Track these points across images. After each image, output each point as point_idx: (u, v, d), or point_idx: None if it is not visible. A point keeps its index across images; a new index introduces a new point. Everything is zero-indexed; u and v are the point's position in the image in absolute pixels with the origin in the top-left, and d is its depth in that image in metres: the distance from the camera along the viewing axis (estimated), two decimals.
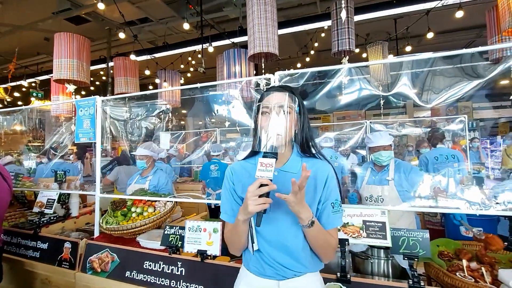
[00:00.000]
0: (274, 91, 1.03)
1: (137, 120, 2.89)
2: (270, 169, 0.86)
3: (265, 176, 0.85)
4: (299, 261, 1.01)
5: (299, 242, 1.01)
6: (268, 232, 1.01)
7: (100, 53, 7.65)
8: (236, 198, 1.07)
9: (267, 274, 1.02)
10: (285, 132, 0.95)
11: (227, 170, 1.11)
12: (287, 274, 1.01)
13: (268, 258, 1.01)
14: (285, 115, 0.97)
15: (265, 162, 0.87)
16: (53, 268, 2.15)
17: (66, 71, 3.08)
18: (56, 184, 2.99)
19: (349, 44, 3.16)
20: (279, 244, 1.01)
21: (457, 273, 1.37)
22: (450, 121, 4.71)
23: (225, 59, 3.68)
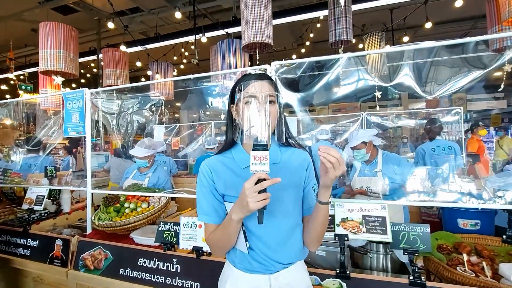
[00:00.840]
0: (256, 80, 0.96)
1: (129, 114, 2.79)
2: (265, 162, 0.80)
3: (261, 170, 0.80)
4: (292, 253, 1.01)
5: (297, 234, 1.02)
6: (262, 228, 0.96)
7: (90, 45, 7.44)
8: (217, 196, 1.00)
9: (256, 270, 0.98)
10: (271, 123, 0.92)
11: (202, 167, 1.02)
12: (278, 268, 0.99)
13: (260, 255, 0.97)
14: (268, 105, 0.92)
15: (259, 155, 0.81)
16: (44, 266, 2.09)
17: (53, 62, 2.96)
18: (46, 179, 2.90)
19: (346, 33, 3.09)
20: (276, 240, 0.97)
21: (458, 268, 1.35)
22: (445, 113, 4.71)
23: (219, 49, 3.58)
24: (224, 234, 0.94)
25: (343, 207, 1.43)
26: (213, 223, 0.99)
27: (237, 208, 0.85)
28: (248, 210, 0.80)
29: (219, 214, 0.99)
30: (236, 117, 1.01)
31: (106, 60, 4.55)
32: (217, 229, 0.97)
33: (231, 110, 1.04)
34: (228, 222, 0.91)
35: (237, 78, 2.43)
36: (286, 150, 1.06)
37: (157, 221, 2.22)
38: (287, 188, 0.99)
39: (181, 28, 6.41)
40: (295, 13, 5.29)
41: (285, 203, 0.98)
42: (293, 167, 1.03)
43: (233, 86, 1.04)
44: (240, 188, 0.92)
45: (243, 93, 0.94)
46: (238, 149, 1.03)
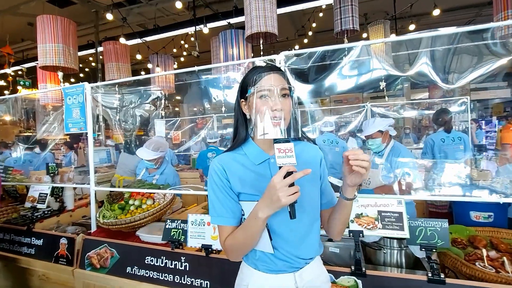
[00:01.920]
0: (269, 72, 0.92)
1: (131, 108, 2.72)
2: (290, 154, 0.77)
3: (288, 163, 0.77)
4: (312, 248, 1.00)
5: (316, 228, 1.01)
6: (282, 226, 0.93)
7: (87, 38, 7.30)
8: (233, 196, 0.94)
9: (281, 269, 0.95)
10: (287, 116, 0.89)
11: (215, 166, 0.96)
12: (301, 264, 0.97)
13: (284, 253, 0.94)
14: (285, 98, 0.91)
15: (283, 147, 0.78)
16: (50, 265, 2.06)
17: (52, 57, 2.88)
18: (49, 177, 2.86)
19: (353, 22, 2.99)
20: (296, 237, 0.95)
21: (477, 263, 1.31)
22: (451, 103, 4.63)
23: (221, 40, 3.48)
24: (247, 235, 0.88)
25: (358, 203, 1.38)
26: (230, 225, 0.93)
27: (264, 205, 0.80)
28: (279, 205, 0.76)
29: (236, 215, 0.94)
30: (247, 111, 0.97)
31: (107, 53, 4.44)
32: (237, 231, 0.91)
33: (241, 105, 0.99)
34: (251, 221, 0.85)
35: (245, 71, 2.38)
36: (297, 144, 1.01)
37: (162, 217, 2.18)
38: (304, 183, 0.93)
39: (180, 20, 6.27)
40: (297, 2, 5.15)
41: (303, 198, 0.94)
42: (307, 161, 1.00)
43: (243, 79, 0.99)
44: (259, 185, 0.90)
45: (256, 86, 0.90)
46: (250, 144, 0.99)
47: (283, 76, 0.94)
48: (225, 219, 0.93)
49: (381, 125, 2.19)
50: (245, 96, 0.95)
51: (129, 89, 2.83)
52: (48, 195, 2.33)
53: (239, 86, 1.01)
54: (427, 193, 1.52)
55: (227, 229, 0.94)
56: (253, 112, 0.91)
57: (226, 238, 0.93)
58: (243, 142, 1.00)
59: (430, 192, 1.51)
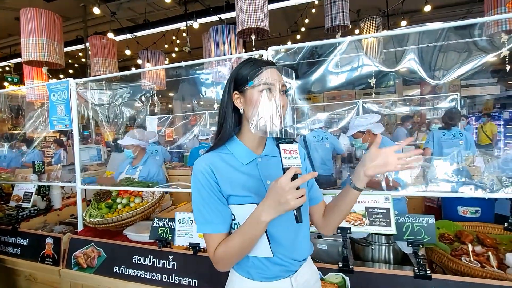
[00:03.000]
0: (268, 67, 0.87)
1: (118, 105, 2.67)
2: (296, 156, 0.75)
3: (294, 164, 0.74)
4: (304, 248, 0.98)
5: (305, 228, 0.99)
6: (274, 229, 0.87)
7: (76, 33, 7.15)
8: (222, 200, 0.87)
9: (277, 275, 0.90)
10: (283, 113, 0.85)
11: (201, 167, 0.87)
12: (296, 267, 0.94)
13: (280, 257, 0.90)
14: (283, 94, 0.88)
15: (289, 148, 0.75)
16: (36, 265, 2.02)
17: (36, 52, 2.79)
18: (35, 175, 2.79)
19: (343, 18, 2.98)
20: (289, 238, 0.91)
21: (462, 258, 1.32)
22: (442, 99, 4.67)
23: (212, 36, 3.44)
24: (245, 241, 0.81)
25: None
26: (221, 232, 0.86)
27: (269, 207, 0.75)
28: (287, 208, 0.72)
29: (227, 220, 0.87)
30: (241, 105, 0.90)
31: (93, 48, 4.35)
32: (232, 237, 0.83)
33: (233, 98, 0.91)
34: (252, 225, 0.79)
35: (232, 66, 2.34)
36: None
37: (151, 216, 2.15)
38: None
39: (171, 15, 6.17)
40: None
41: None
42: None
43: (237, 71, 0.91)
44: (248, 186, 0.86)
45: (261, 79, 0.84)
46: (235, 143, 0.93)
47: (281, 71, 0.90)
48: (215, 225, 0.85)
49: (361, 125, 2.19)
50: (241, 88, 0.88)
51: (117, 85, 2.77)
52: (34, 194, 2.28)
53: (230, 77, 0.93)
54: (415, 188, 1.53)
55: (218, 237, 0.85)
56: (251, 106, 0.85)
57: (217, 246, 0.84)
58: (227, 140, 0.93)
59: (417, 188, 1.51)
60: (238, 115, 0.94)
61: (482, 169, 3.48)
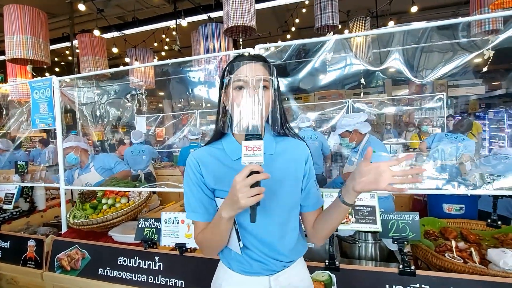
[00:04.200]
0: (247, 61, 0.85)
1: (103, 103, 2.61)
2: (258, 152, 0.72)
3: (254, 162, 0.72)
4: (292, 250, 0.94)
5: (295, 229, 0.96)
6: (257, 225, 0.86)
7: (63, 31, 6.98)
8: (207, 191, 0.90)
9: (255, 271, 0.91)
10: (264, 110, 0.83)
11: (190, 161, 0.91)
12: (277, 267, 0.92)
13: (258, 253, 0.90)
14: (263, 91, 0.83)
15: (251, 145, 0.72)
16: (18, 268, 1.96)
17: (20, 49, 2.71)
18: (18, 176, 2.71)
19: (332, 18, 3.00)
20: (273, 237, 0.90)
21: (446, 254, 1.34)
22: (429, 99, 4.77)
23: (201, 34, 3.41)
24: (214, 233, 0.85)
25: (332, 197, 1.38)
26: (202, 220, 0.90)
27: (227, 204, 0.76)
28: (239, 206, 0.72)
29: (209, 211, 0.90)
30: (226, 104, 0.91)
31: (82, 46, 4.24)
32: (207, 228, 0.88)
33: (222, 96, 0.93)
34: (218, 220, 0.82)
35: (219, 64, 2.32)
36: (282, 140, 0.97)
37: (138, 216, 2.12)
38: (284, 181, 0.90)
39: (161, 12, 6.09)
40: None
41: (281, 197, 0.90)
42: (290, 158, 0.94)
43: (223, 69, 0.92)
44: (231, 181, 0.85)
45: (232, 76, 0.83)
46: (229, 139, 0.94)
47: (265, 66, 0.87)
48: (198, 214, 0.90)
49: (348, 125, 2.21)
50: (224, 86, 0.90)
51: (104, 83, 2.71)
52: (16, 195, 2.21)
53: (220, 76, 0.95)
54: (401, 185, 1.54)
55: (200, 225, 0.90)
56: (229, 104, 0.86)
57: (198, 233, 0.91)
58: (222, 136, 0.95)
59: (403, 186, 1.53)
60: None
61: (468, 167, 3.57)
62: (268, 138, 0.93)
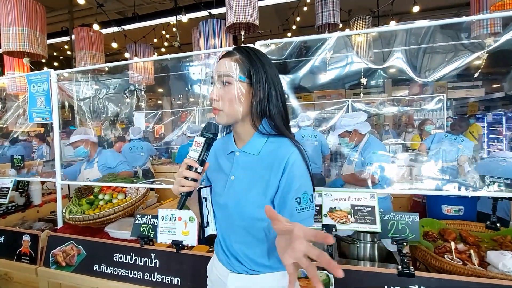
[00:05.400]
0: (222, 58, 0.86)
1: (101, 98, 2.59)
2: (198, 149, 0.79)
3: (192, 157, 0.78)
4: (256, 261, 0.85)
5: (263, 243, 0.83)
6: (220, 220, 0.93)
7: (62, 25, 6.92)
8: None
9: (221, 259, 0.95)
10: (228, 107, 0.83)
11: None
12: (238, 269, 0.87)
13: (222, 244, 0.95)
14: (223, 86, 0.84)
15: (198, 141, 0.80)
16: (12, 264, 1.93)
17: (16, 42, 2.67)
18: (14, 170, 2.68)
19: (333, 16, 2.97)
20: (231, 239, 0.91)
21: (445, 256, 1.33)
22: (428, 100, 4.76)
23: (202, 30, 3.37)
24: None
25: (331, 197, 1.36)
26: None
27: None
28: (173, 191, 0.80)
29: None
30: None
31: (80, 41, 4.19)
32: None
33: None
34: None
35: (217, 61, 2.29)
36: (274, 141, 0.85)
37: (135, 213, 2.10)
38: (252, 187, 0.83)
39: (161, 8, 6.05)
40: None
41: (244, 203, 0.83)
42: (268, 164, 0.82)
43: None
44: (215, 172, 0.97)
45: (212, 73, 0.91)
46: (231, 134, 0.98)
47: (234, 60, 0.81)
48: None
49: (348, 125, 2.20)
50: None
51: (103, 78, 2.68)
52: (11, 189, 2.18)
53: None
54: (400, 186, 1.53)
55: None
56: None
57: None
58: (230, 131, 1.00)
59: (402, 186, 1.52)
60: None
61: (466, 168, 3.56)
62: (257, 138, 0.86)
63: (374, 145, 2.17)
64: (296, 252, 0.48)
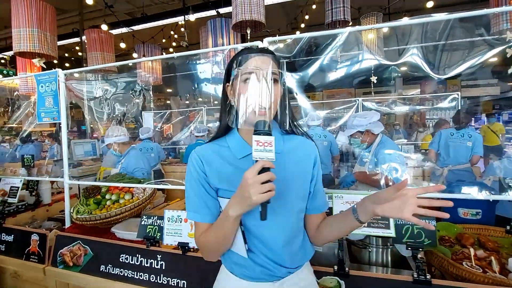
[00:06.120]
0: (256, 53, 0.81)
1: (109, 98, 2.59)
2: (270, 148, 0.69)
3: (266, 157, 0.69)
4: (298, 255, 0.90)
5: (301, 233, 0.92)
6: (262, 227, 0.83)
7: (73, 27, 7.03)
8: (210, 191, 0.85)
9: (259, 277, 0.86)
10: (273, 105, 0.79)
11: (193, 158, 0.87)
12: (283, 273, 0.87)
13: (263, 258, 0.85)
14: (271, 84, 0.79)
15: (263, 140, 0.70)
16: (21, 263, 1.95)
17: (26, 42, 2.70)
18: (24, 169, 2.72)
19: (344, 13, 2.90)
20: (279, 241, 0.85)
21: (464, 263, 1.25)
22: (442, 99, 4.61)
23: (209, 29, 3.35)
24: (218, 234, 0.80)
25: (342, 199, 1.31)
26: (205, 222, 0.85)
27: (235, 202, 0.72)
28: (250, 203, 0.68)
29: (212, 212, 0.85)
30: (231, 97, 0.86)
31: (91, 42, 4.23)
32: (210, 229, 0.83)
33: (226, 89, 0.89)
34: (223, 219, 0.77)
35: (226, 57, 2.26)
36: (291, 138, 0.92)
37: (142, 213, 2.08)
38: (292, 182, 0.86)
39: (170, 8, 6.07)
40: None
41: (289, 199, 0.85)
42: (299, 158, 0.89)
43: (229, 61, 0.88)
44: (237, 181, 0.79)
45: (241, 68, 0.80)
46: (233, 136, 0.90)
47: (274, 60, 0.83)
48: (200, 215, 0.85)
49: (360, 125, 2.12)
50: (230, 79, 0.86)
51: (112, 77, 2.69)
52: (20, 188, 2.20)
53: (225, 68, 0.91)
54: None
55: (202, 226, 0.85)
56: (236, 97, 0.82)
57: (200, 235, 0.85)
58: (226, 133, 0.91)
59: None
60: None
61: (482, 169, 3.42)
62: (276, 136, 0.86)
63: (388, 146, 2.09)
64: (413, 205, 0.67)
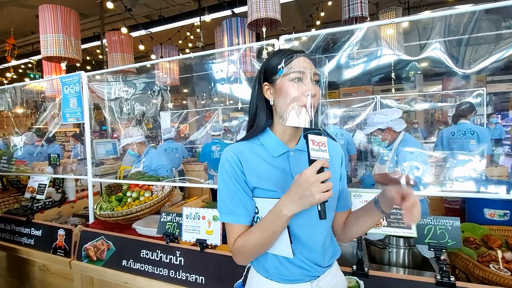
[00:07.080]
0: (299, 54, 0.83)
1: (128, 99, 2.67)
2: (324, 148, 0.71)
3: (322, 157, 0.70)
4: (331, 253, 0.93)
5: (330, 231, 0.95)
6: (302, 228, 0.84)
7: (94, 30, 7.30)
8: (247, 191, 0.83)
9: (297, 278, 0.85)
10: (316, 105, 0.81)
11: (228, 155, 0.85)
12: (319, 272, 0.88)
13: (301, 259, 0.85)
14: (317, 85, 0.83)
15: (317, 140, 0.71)
16: (48, 256, 2.05)
17: (53, 48, 2.84)
18: (51, 168, 2.85)
19: (361, 9, 2.83)
20: (317, 241, 0.86)
21: (490, 265, 1.20)
22: (466, 95, 4.41)
23: (225, 28, 3.37)
24: (264, 235, 0.77)
25: (361, 198, 1.28)
26: (241, 223, 0.83)
27: (292, 200, 0.70)
28: (311, 202, 0.67)
29: (249, 212, 0.83)
30: (270, 96, 0.87)
31: (111, 44, 4.39)
32: (252, 230, 0.80)
33: (263, 89, 0.88)
34: (273, 219, 0.75)
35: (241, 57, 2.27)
36: None
37: (161, 210, 2.14)
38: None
39: (186, 10, 6.18)
40: None
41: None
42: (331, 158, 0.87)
43: (266, 62, 0.89)
44: (275, 179, 0.82)
45: (290, 67, 0.81)
46: (268, 135, 0.89)
47: (313, 61, 0.85)
48: (237, 217, 0.82)
49: (381, 123, 2.06)
50: (271, 79, 0.86)
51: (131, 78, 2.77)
52: (47, 186, 2.31)
53: (261, 68, 0.91)
54: (437, 188, 1.41)
55: (239, 228, 0.83)
56: (281, 97, 0.82)
57: (237, 238, 0.82)
58: (260, 132, 0.90)
59: (441, 188, 1.40)
60: (269, 107, 0.91)
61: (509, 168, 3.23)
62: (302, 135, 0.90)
63: (411, 144, 2.02)
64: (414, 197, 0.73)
